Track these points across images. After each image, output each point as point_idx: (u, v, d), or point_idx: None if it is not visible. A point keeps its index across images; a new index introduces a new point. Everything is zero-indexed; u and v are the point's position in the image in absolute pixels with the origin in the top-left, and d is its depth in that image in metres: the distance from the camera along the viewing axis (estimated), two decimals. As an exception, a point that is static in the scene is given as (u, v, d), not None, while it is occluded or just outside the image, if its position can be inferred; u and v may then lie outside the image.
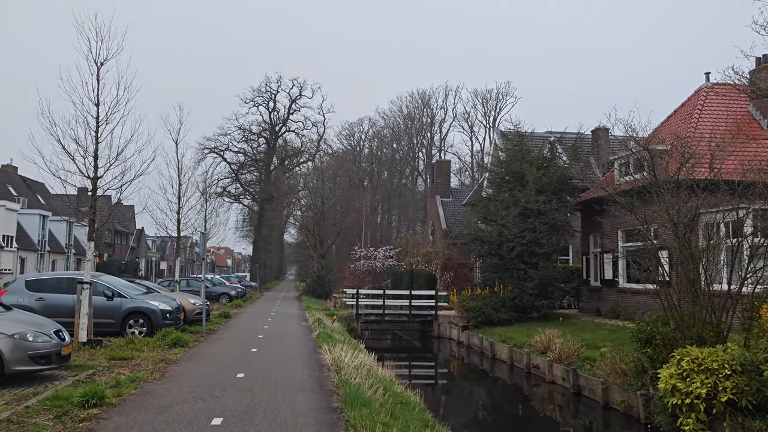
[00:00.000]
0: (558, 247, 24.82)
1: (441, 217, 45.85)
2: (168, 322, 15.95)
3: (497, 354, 19.76)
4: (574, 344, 15.57)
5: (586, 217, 25.68)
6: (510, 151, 25.42)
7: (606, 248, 24.29)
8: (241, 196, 62.99)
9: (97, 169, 13.23)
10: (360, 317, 26.38)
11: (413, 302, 26.84)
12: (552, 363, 15.60)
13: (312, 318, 23.01)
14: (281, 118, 61.46)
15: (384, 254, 42.12)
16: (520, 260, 23.80)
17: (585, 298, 26.59)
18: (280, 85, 60.38)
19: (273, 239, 67.38)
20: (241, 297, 36.45)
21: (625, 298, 22.68)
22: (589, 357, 15.25)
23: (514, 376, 17.72)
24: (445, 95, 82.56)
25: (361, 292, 27.65)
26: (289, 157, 62.86)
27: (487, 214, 24.78)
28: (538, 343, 17.18)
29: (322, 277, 40.90)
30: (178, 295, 19.89)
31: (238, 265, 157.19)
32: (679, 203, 12.03)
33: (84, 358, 11.37)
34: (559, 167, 24.69)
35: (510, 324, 23.23)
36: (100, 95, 13.23)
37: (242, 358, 12.34)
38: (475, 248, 25.57)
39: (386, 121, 79.97)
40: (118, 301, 15.73)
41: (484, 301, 24.02)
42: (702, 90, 23.85)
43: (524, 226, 23.21)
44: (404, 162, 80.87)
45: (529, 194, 23.54)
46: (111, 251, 62.73)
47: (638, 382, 12.14)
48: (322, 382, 9.79)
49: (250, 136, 60.61)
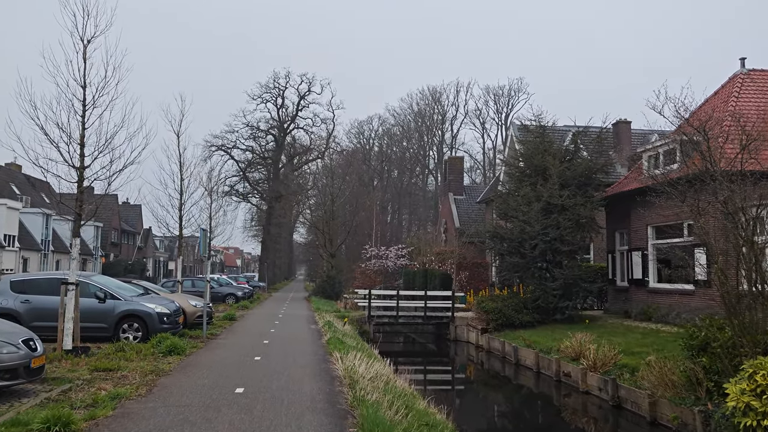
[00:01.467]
0: (582, 244, 23.32)
1: (454, 215, 44.43)
2: (165, 327, 14.67)
3: (522, 359, 18.33)
4: (610, 351, 14.12)
5: (611, 213, 24.18)
6: (531, 143, 23.97)
7: (634, 246, 22.79)
8: (249, 195, 61.75)
9: (83, 158, 11.93)
10: (372, 319, 25.02)
11: (428, 303, 25.42)
12: (586, 371, 14.16)
13: (322, 321, 21.66)
14: (290, 114, 60.19)
15: (396, 253, 40.72)
16: (542, 259, 22.39)
17: (610, 299, 25.09)
18: (288, 81, 59.14)
19: (282, 239, 66.12)
20: (249, 298, 35.18)
21: (656, 299, 21.18)
22: (627, 365, 13.81)
23: (541, 384, 16.29)
24: (457, 92, 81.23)
25: (374, 293, 26.26)
26: (298, 154, 61.54)
27: (507, 210, 23.32)
28: (569, 349, 15.74)
29: (332, 277, 39.57)
30: (179, 296, 18.61)
31: (247, 265, 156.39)
32: (743, 191, 10.44)
33: (64, 369, 10.06)
34: (583, 159, 23.21)
35: (532, 326, 21.83)
36: (87, 76, 11.92)
37: (244, 368, 10.99)
38: (494, 246, 24.15)
39: (396, 119, 78.65)
40: (111, 303, 14.45)
41: (504, 302, 22.62)
42: (738, 76, 22.30)
43: (547, 222, 21.76)
44: (414, 160, 79.42)
45: (553, 188, 22.10)
46: (117, 251, 61.76)
47: (691, 396, 10.69)
48: (333, 399, 8.42)
49: (258, 134, 59.36)
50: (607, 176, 24.39)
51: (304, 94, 59.23)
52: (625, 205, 23.22)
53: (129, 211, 67.17)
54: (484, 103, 79.39)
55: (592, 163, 23.22)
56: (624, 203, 23.19)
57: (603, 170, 23.66)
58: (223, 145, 57.51)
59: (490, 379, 18.69)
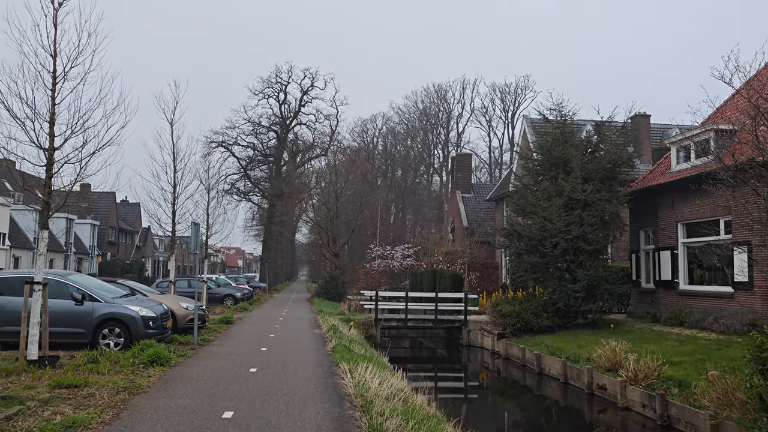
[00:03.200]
0: (606, 243, 21.66)
1: (462, 213, 42.80)
2: (151, 332, 13.06)
3: (546, 369, 16.68)
4: (652, 361, 12.46)
5: (635, 210, 22.52)
6: (551, 134, 22.31)
7: (662, 245, 21.14)
8: (250, 193, 60.14)
9: (53, 138, 10.32)
10: (379, 323, 23.36)
11: (439, 306, 23.76)
12: (625, 384, 12.49)
13: (326, 324, 20.02)
14: (292, 110, 58.55)
15: (402, 253, 39.07)
16: (563, 258, 20.74)
17: (634, 302, 23.42)
18: (291, 76, 57.52)
19: (284, 238, 64.46)
20: (248, 299, 33.54)
21: (687, 302, 19.52)
22: (673, 377, 12.16)
23: (570, 396, 14.63)
24: (463, 89, 79.50)
25: (381, 295, 24.57)
26: (301, 151, 59.89)
27: (525, 206, 21.65)
28: (602, 358, 14.10)
29: (335, 277, 37.92)
30: (169, 298, 16.99)
31: (249, 266, 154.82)
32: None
33: (21, 385, 8.44)
34: (607, 152, 21.53)
35: (552, 332, 20.20)
36: (57, 44, 10.31)
37: (236, 383, 9.36)
38: (509, 245, 22.46)
39: (401, 117, 76.96)
40: (90, 305, 12.83)
41: (522, 305, 20.98)
42: (776, 61, 20.61)
43: (570, 219, 20.11)
44: (419, 159, 77.73)
45: (575, 182, 20.45)
46: (115, 250, 60.19)
47: (764, 418, 9.04)
48: (343, 427, 6.79)
49: (260, 130, 57.72)
50: (630, 170, 22.72)
51: (307, 89, 57.67)
52: (651, 201, 21.57)
53: (127, 209, 65.64)
54: (491, 101, 77.80)
55: (616, 155, 21.56)
56: (650, 199, 21.55)
57: (628, 163, 21.99)
58: (224, 141, 55.95)
59: (511, 390, 17.02)
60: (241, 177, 58.18)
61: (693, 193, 19.63)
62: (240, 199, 58.94)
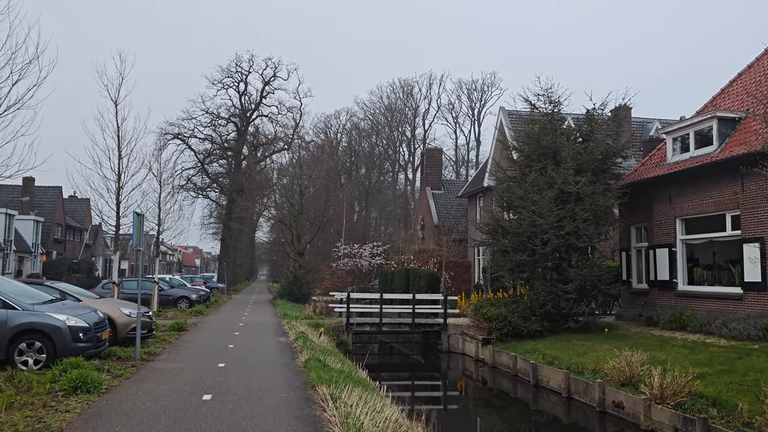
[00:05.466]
0: (599, 240, 20.01)
1: (432, 210, 40.98)
2: (82, 346, 10.67)
3: (543, 380, 14.82)
4: (681, 376, 10.66)
5: (626, 206, 20.88)
6: (538, 122, 20.57)
7: (657, 242, 19.59)
8: (208, 189, 57.06)
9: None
10: (351, 327, 21.20)
11: (416, 309, 21.75)
12: (650, 403, 10.67)
13: (293, 331, 17.77)
14: (253, 101, 55.69)
15: (371, 252, 36.96)
16: (553, 257, 19.00)
17: (625, 303, 21.87)
18: (252, 65, 54.66)
19: (244, 236, 61.53)
20: (205, 301, 30.93)
21: (688, 304, 17.97)
22: (704, 394, 10.40)
23: (576, 414, 12.79)
24: (429, 84, 77.76)
25: (354, 297, 22.40)
26: (262, 145, 57.06)
27: (512, 200, 19.84)
28: (614, 371, 12.29)
29: (299, 277, 35.55)
30: (109, 303, 14.51)
31: (207, 265, 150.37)
32: None
33: None
34: (600, 141, 19.88)
35: (542, 336, 18.46)
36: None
37: (183, 420, 7.11)
38: (494, 242, 20.59)
39: (366, 112, 74.72)
40: (3, 314, 10.35)
41: (509, 307, 19.15)
42: (779, 45, 19.30)
43: (562, 213, 18.37)
44: (384, 156, 75.67)
45: (567, 174, 18.72)
46: (61, 249, 56.30)
47: None
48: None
49: (218, 122, 54.66)
50: (622, 161, 21.15)
51: (269, 79, 54.92)
52: (645, 195, 20.00)
53: (76, 205, 61.63)
54: (457, 98, 76.39)
55: (608, 145, 19.93)
56: (644, 193, 19.98)
57: (621, 154, 20.41)
58: (180, 133, 52.76)
59: (506, 405, 15.08)
60: (198, 172, 55.10)
61: (694, 186, 18.14)
62: (197, 195, 55.87)
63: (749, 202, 16.02)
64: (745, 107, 18.17)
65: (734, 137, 17.30)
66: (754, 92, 16.79)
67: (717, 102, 20.06)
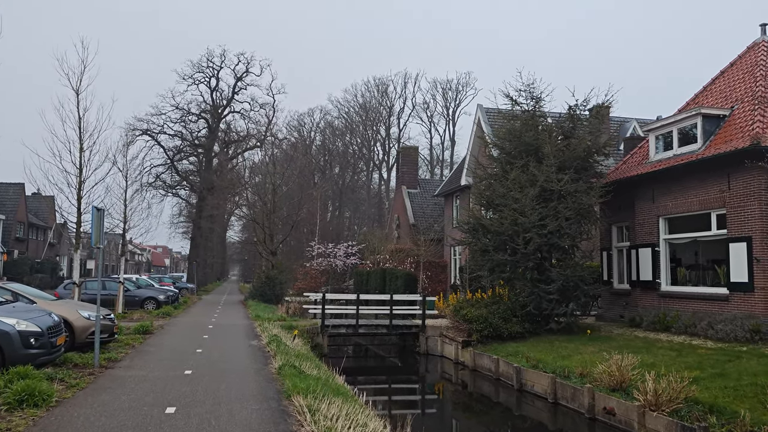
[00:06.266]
0: (581, 239, 19.56)
1: (408, 209, 40.40)
2: (34, 353, 9.73)
3: (527, 385, 14.26)
4: (677, 381, 10.14)
5: (607, 204, 20.47)
6: (520, 118, 20.07)
7: (640, 241, 19.23)
8: (177, 186, 55.53)
9: None
10: (326, 330, 20.40)
11: (394, 310, 21.07)
12: (644, 409, 10.13)
13: (265, 334, 16.92)
14: (225, 97, 54.35)
15: (345, 251, 36.15)
16: (535, 256, 18.48)
17: (605, 304, 21.50)
18: (224, 60, 53.28)
19: (215, 235, 60.10)
20: (173, 302, 29.80)
21: (672, 305, 17.63)
22: (701, 400, 9.91)
23: (564, 420, 12.23)
24: (404, 83, 77.17)
25: (329, 298, 21.60)
26: (234, 142, 55.73)
27: (493, 198, 19.29)
28: (604, 375, 11.75)
29: (272, 277, 34.56)
30: (67, 305, 13.50)
31: (176, 265, 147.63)
32: None
33: None
34: (582, 138, 19.44)
35: (523, 338, 17.96)
36: None
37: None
38: (474, 241, 20.00)
39: (340, 111, 73.81)
40: (-57, 318, 9.37)
41: (489, 308, 18.60)
42: (761, 44, 19.08)
43: (545, 212, 17.86)
44: (358, 155, 74.85)
45: (549, 171, 18.23)
46: (24, 248, 54.29)
47: None
48: None
49: (189, 118, 53.15)
50: (604, 159, 20.77)
51: (242, 75, 53.60)
52: (627, 194, 19.62)
53: (39, 202, 59.50)
54: (432, 97, 76.05)
55: (591, 142, 19.51)
56: (626, 192, 19.59)
57: (603, 151, 20.01)
58: (149, 129, 51.18)
59: (486, 409, 14.48)
60: (167, 169, 53.53)
61: (678, 185, 17.79)
62: (166, 193, 54.32)
63: (736, 201, 15.69)
64: (729, 105, 17.90)
65: (719, 135, 16.99)
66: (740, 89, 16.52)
67: (699, 100, 19.79)
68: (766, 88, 16.93)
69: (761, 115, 15.88)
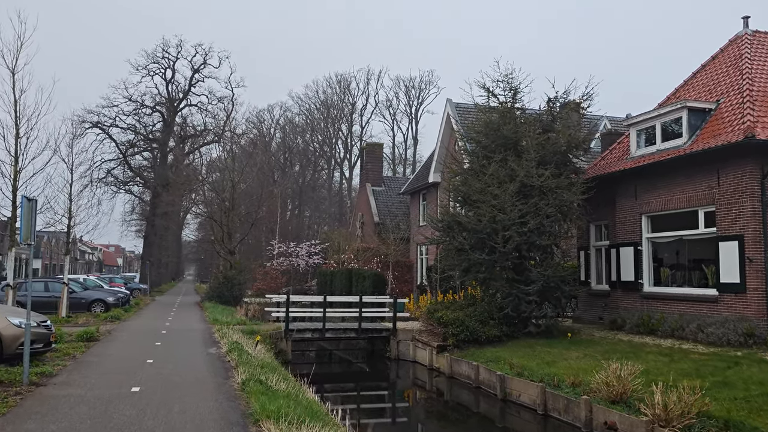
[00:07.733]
0: (562, 238, 18.68)
1: (373, 207, 39.16)
2: (-53, 369, 8.10)
3: (512, 394, 13.17)
4: (689, 394, 9.17)
5: (587, 202, 19.63)
6: (497, 110, 19.08)
7: (621, 240, 18.45)
8: (130, 183, 52.96)
9: None
10: (291, 334, 18.97)
11: (363, 312, 19.80)
12: (653, 426, 9.13)
13: (225, 340, 15.41)
14: (181, 90, 52.05)
15: (308, 251, 34.68)
16: (515, 255, 17.47)
17: (583, 306, 20.72)
18: (181, 51, 51.05)
19: (170, 233, 57.63)
20: (124, 304, 27.86)
21: (656, 307, 16.86)
22: (714, 414, 8.97)
23: (556, 435, 11.16)
24: (367, 80, 76.06)
25: (294, 300, 20.17)
26: (191, 137, 53.47)
27: (469, 193, 18.21)
28: (602, 386, 10.74)
29: (230, 278, 32.85)
30: (-5, 310, 11.78)
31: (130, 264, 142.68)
32: None
33: None
34: (562, 132, 18.55)
35: (501, 342, 16.94)
36: None
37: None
38: (449, 239, 18.89)
39: (300, 107, 72.04)
40: None
41: (465, 311, 17.53)
42: (744, 37, 18.54)
43: (525, 208, 16.87)
44: (319, 153, 73.25)
45: (529, 166, 17.26)
46: (-38, 246, 50.93)
47: None
48: None
49: (143, 111, 50.70)
50: (584, 154, 19.97)
51: (199, 67, 51.42)
52: (606, 191, 18.81)
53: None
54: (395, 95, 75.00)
55: (571, 136, 18.64)
56: (606, 189, 18.77)
57: (583, 146, 19.19)
58: (100, 122, 48.55)
59: (463, 418, 13.32)
60: (119, 163, 50.97)
61: (663, 181, 17.04)
62: (118, 190, 51.75)
63: (726, 198, 14.97)
64: (714, 98, 17.25)
65: (706, 129, 16.29)
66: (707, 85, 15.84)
67: (680, 94, 19.15)
68: (754, 82, 16.31)
69: (751, 108, 15.20)
